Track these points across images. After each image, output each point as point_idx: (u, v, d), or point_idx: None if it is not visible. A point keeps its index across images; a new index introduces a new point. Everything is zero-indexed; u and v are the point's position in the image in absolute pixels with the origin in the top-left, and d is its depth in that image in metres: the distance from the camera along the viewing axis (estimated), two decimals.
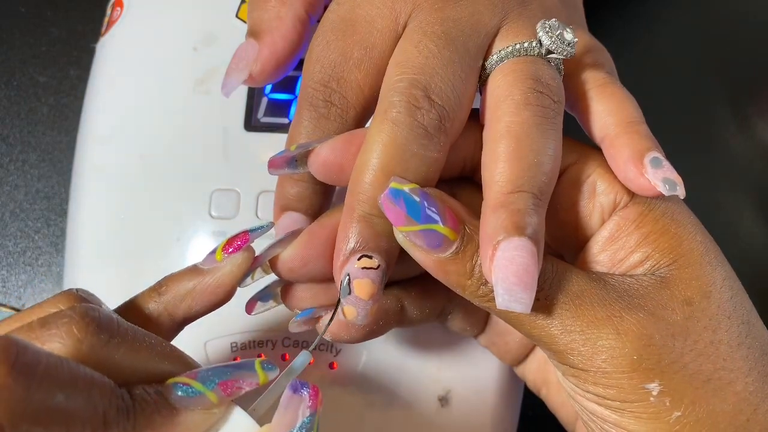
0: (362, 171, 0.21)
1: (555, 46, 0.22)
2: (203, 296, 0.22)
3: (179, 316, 0.22)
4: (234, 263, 0.22)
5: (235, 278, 0.22)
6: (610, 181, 0.23)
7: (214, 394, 0.19)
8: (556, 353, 0.21)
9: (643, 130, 0.22)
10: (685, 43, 0.48)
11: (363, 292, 0.21)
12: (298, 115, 0.23)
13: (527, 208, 0.20)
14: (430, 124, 0.21)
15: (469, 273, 0.21)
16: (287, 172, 0.23)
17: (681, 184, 0.21)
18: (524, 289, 0.19)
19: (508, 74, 0.22)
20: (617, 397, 0.20)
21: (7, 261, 0.40)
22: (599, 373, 0.20)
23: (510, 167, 0.20)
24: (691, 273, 0.22)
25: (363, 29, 0.23)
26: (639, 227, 0.22)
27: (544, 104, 0.21)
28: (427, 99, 0.21)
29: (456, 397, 0.29)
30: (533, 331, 0.21)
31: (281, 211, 0.25)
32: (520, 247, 0.19)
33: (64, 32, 0.44)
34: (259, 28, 0.25)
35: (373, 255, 0.21)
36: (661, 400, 0.20)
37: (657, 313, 0.21)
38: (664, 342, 0.20)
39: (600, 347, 0.20)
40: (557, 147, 0.21)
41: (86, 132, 0.33)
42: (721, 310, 0.21)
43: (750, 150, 0.45)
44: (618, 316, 0.20)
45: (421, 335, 0.29)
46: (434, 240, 0.20)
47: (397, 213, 0.20)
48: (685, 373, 0.20)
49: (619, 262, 0.23)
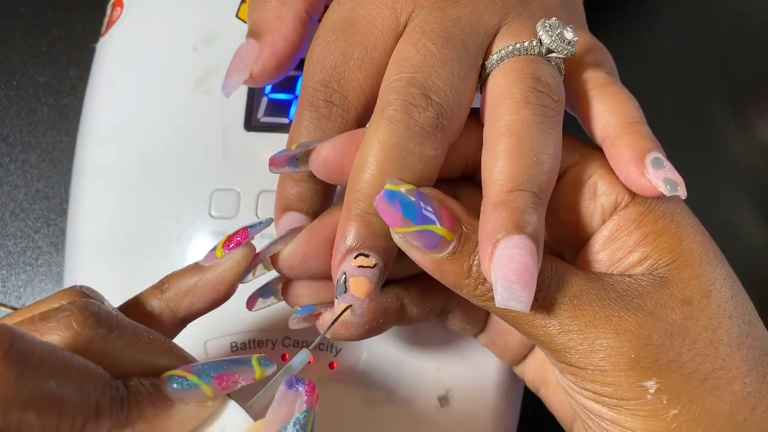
0: (359, 169, 0.21)
1: (555, 45, 0.22)
2: (204, 293, 0.22)
3: (181, 313, 0.22)
4: (234, 259, 0.22)
5: (236, 274, 0.23)
6: (612, 181, 0.23)
7: (209, 387, 0.19)
8: (554, 352, 0.21)
9: (644, 131, 0.22)
10: (685, 43, 0.48)
11: (359, 290, 0.21)
12: (299, 115, 0.23)
13: (527, 207, 0.20)
14: (427, 122, 0.21)
15: (467, 273, 0.20)
16: (288, 170, 0.23)
17: (682, 184, 0.21)
18: (524, 287, 0.19)
19: (508, 73, 0.22)
20: (614, 395, 0.20)
21: (7, 261, 0.40)
22: (597, 371, 0.20)
23: (510, 165, 0.20)
24: (690, 272, 0.22)
25: (364, 29, 0.23)
26: (639, 227, 0.22)
27: (544, 103, 0.21)
28: (424, 97, 0.21)
29: (456, 397, 0.29)
30: (531, 330, 0.21)
31: (282, 211, 0.25)
32: (519, 245, 0.19)
33: (64, 32, 0.44)
34: (260, 29, 0.25)
35: (370, 253, 0.21)
36: (659, 398, 0.20)
37: (656, 312, 0.21)
38: (662, 341, 0.20)
39: (598, 346, 0.20)
40: (557, 146, 0.21)
41: (86, 132, 0.33)
42: (722, 310, 0.21)
43: (750, 150, 0.45)
44: (616, 316, 0.20)
45: (421, 335, 0.29)
46: (431, 240, 0.20)
47: (392, 215, 0.20)
48: (683, 371, 0.20)
49: (618, 261, 0.23)
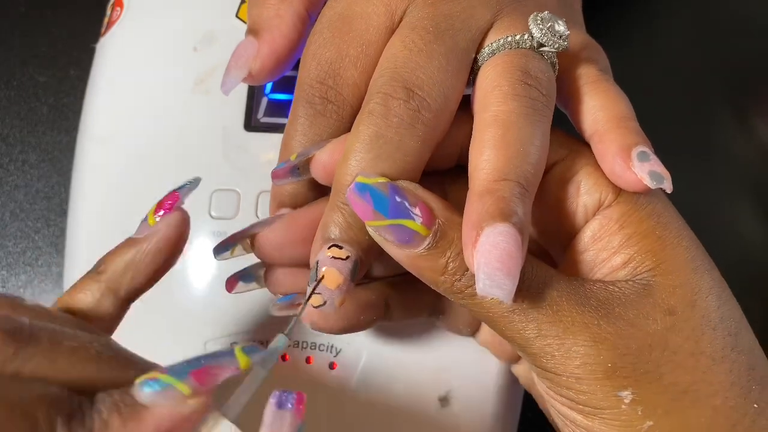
0: (341, 162, 0.21)
1: (546, 39, 0.22)
2: (144, 265, 0.22)
3: (122, 292, 0.22)
4: (168, 224, 0.22)
5: (173, 240, 0.22)
6: (597, 179, 0.22)
7: (185, 384, 0.17)
8: (530, 356, 0.21)
9: (632, 126, 0.22)
10: (685, 43, 0.48)
11: (329, 280, 0.20)
12: (294, 112, 0.23)
13: (513, 197, 0.19)
14: (407, 113, 0.21)
15: (442, 269, 0.20)
16: (291, 181, 0.24)
17: (668, 177, 0.21)
18: (506, 274, 0.18)
19: (498, 65, 0.22)
20: (589, 403, 0.20)
21: (7, 261, 0.40)
22: (572, 378, 0.20)
23: (496, 155, 0.20)
24: (674, 280, 0.21)
25: (359, 26, 0.23)
26: (622, 228, 0.22)
27: (531, 96, 0.21)
28: (405, 90, 0.21)
29: (456, 397, 0.29)
30: (508, 332, 0.21)
31: (277, 207, 0.25)
32: (504, 233, 0.18)
33: (64, 32, 0.44)
34: (259, 26, 0.25)
35: (344, 245, 0.21)
36: (634, 408, 0.20)
37: (636, 322, 0.20)
38: (641, 351, 0.20)
39: (574, 353, 0.20)
40: (544, 139, 0.21)
41: (86, 132, 0.33)
42: (706, 321, 0.21)
43: (750, 150, 0.45)
44: (596, 324, 0.20)
45: (421, 335, 0.29)
46: (404, 235, 0.20)
47: (363, 207, 0.20)
48: (661, 383, 0.20)
49: (602, 262, 0.22)
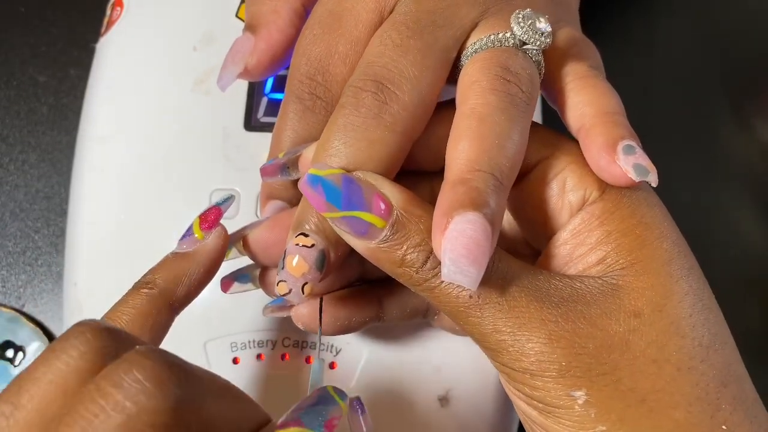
0: (315, 153, 0.21)
1: (527, 36, 0.22)
2: (198, 277, 0.22)
3: (177, 304, 0.22)
4: (219, 237, 0.23)
5: (222, 252, 0.23)
6: (582, 176, 0.22)
7: None
8: (487, 350, 0.21)
9: (619, 120, 0.22)
10: (685, 43, 0.48)
11: (293, 268, 0.20)
12: (284, 108, 0.24)
13: (487, 188, 0.19)
14: (375, 104, 0.21)
15: (400, 261, 0.20)
16: (281, 179, 0.24)
17: (654, 171, 0.20)
18: (472, 262, 0.18)
19: (477, 62, 0.22)
20: (543, 400, 0.20)
21: (7, 261, 0.40)
22: (527, 374, 0.20)
23: (471, 146, 0.20)
24: (646, 282, 0.20)
25: (348, 23, 0.23)
26: (602, 224, 0.21)
27: (510, 91, 0.21)
28: (375, 83, 0.21)
29: (456, 397, 0.29)
30: (466, 326, 0.20)
31: (267, 199, 0.25)
32: (473, 221, 0.18)
33: (64, 32, 0.44)
34: (256, 22, 0.26)
35: (310, 234, 0.21)
36: (587, 410, 0.19)
37: (597, 322, 0.20)
38: (598, 352, 0.19)
39: (529, 349, 0.19)
40: (523, 136, 0.21)
41: (86, 132, 0.33)
42: (674, 327, 0.20)
43: (750, 150, 0.45)
44: (553, 321, 0.19)
45: (421, 335, 0.29)
46: (359, 227, 0.20)
47: (316, 199, 0.20)
48: (617, 387, 0.19)
49: (577, 258, 0.22)
